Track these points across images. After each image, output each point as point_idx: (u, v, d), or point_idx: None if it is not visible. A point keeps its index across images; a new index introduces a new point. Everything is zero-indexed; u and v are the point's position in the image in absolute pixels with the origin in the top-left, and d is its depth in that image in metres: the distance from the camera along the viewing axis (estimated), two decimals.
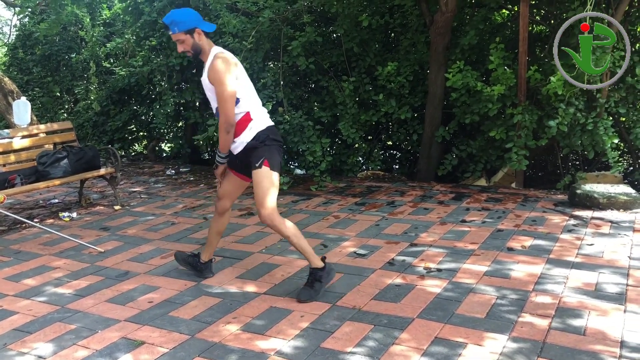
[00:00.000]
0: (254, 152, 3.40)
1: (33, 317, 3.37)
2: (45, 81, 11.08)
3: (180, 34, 3.30)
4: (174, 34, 3.32)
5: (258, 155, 3.39)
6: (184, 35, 3.30)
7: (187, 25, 3.30)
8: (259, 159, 3.38)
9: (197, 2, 7.86)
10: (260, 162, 3.36)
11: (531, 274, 3.71)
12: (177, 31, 3.30)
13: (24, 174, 5.41)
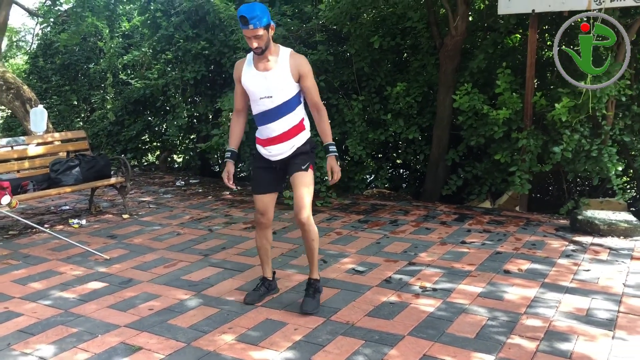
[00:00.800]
0: (302, 157, 3.50)
1: (37, 319, 3.49)
2: (63, 90, 11.34)
3: (260, 29, 3.23)
4: (254, 28, 3.22)
5: (305, 160, 3.50)
6: (263, 31, 3.26)
7: (266, 21, 3.27)
8: (306, 162, 3.49)
9: (214, 19, 8.05)
10: (307, 166, 3.49)
11: (524, 297, 3.77)
12: (258, 26, 3.21)
13: (37, 181, 5.57)
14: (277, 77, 3.36)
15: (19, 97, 8.27)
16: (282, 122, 3.42)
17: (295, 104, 3.43)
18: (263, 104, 3.42)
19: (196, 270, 4.38)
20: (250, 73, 3.44)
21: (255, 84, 3.41)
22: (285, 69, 3.36)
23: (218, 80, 8.82)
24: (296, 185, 3.47)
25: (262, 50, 3.33)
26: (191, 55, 8.28)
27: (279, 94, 3.38)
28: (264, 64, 3.39)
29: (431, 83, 7.42)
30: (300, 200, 3.44)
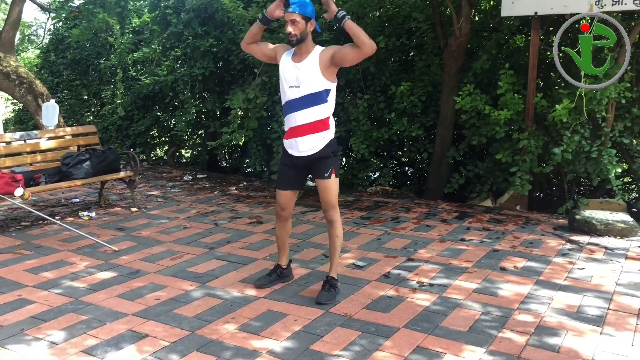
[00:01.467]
0: (324, 162, 3.66)
1: (49, 307, 3.65)
2: (74, 84, 11.53)
3: (298, 15, 3.42)
4: (293, 12, 3.41)
5: (327, 166, 3.66)
6: (300, 19, 3.44)
7: (308, 12, 3.46)
8: (328, 169, 3.66)
9: (223, 17, 8.18)
10: (329, 173, 3.66)
11: (518, 294, 3.89)
12: (297, 11, 3.42)
13: (49, 174, 5.73)
14: (307, 69, 3.52)
15: (32, 91, 8.44)
16: (306, 113, 3.56)
17: (321, 100, 3.55)
18: (291, 93, 3.58)
19: (201, 263, 4.53)
20: (286, 60, 3.62)
21: (287, 72, 3.59)
22: (314, 62, 3.51)
23: (226, 77, 8.97)
24: (321, 191, 3.70)
25: (296, 39, 3.49)
26: (200, 52, 8.43)
27: (306, 85, 3.52)
28: (299, 57, 3.56)
29: (435, 83, 7.52)
30: (327, 203, 3.71)
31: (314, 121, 3.58)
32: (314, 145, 3.63)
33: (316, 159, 3.68)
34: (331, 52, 3.51)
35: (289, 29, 3.46)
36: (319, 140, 3.62)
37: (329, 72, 3.54)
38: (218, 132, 8.89)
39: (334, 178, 3.70)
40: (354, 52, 3.44)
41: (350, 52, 3.45)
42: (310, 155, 3.67)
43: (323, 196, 3.72)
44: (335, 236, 3.77)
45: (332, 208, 3.72)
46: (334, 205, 3.72)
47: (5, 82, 8.32)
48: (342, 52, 3.48)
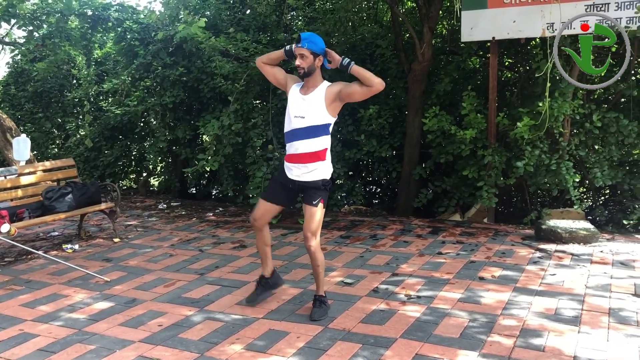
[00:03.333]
0: (314, 192, 3.85)
1: (54, 339, 3.73)
2: (37, 117, 11.42)
3: (306, 50, 3.70)
4: (302, 47, 3.69)
5: (317, 195, 3.85)
6: (309, 54, 3.71)
7: (317, 48, 3.72)
8: (317, 198, 3.85)
9: (191, 47, 8.37)
10: (317, 201, 3.84)
11: (499, 300, 4.19)
12: (305, 46, 3.69)
13: (31, 208, 5.77)
14: (312, 101, 3.76)
15: None
16: (306, 143, 3.79)
17: (322, 132, 3.79)
18: (296, 122, 3.81)
19: (195, 288, 4.66)
20: (295, 91, 3.87)
21: (293, 102, 3.84)
22: (320, 97, 3.76)
23: (195, 106, 9.12)
24: (306, 217, 3.88)
25: (303, 72, 3.75)
26: (169, 81, 8.57)
27: (311, 117, 3.76)
28: (306, 89, 3.82)
29: (400, 105, 7.90)
30: (308, 231, 3.86)
31: (313, 151, 3.81)
32: (309, 172, 3.85)
33: (308, 186, 3.90)
34: (338, 88, 3.76)
35: (298, 62, 3.73)
36: (314, 170, 3.85)
37: (333, 107, 3.79)
38: (190, 158, 9.02)
39: (321, 207, 3.90)
40: (363, 90, 3.70)
41: (359, 90, 3.71)
42: (303, 182, 3.89)
43: (307, 222, 3.88)
44: (317, 265, 3.95)
45: (313, 236, 3.86)
46: (315, 233, 3.87)
47: None
48: (350, 89, 3.73)
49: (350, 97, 3.78)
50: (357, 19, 9.29)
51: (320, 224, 3.92)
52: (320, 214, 3.90)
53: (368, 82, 3.67)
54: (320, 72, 3.85)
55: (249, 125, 7.64)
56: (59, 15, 8.64)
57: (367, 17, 9.44)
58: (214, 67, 7.70)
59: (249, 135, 7.56)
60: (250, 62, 7.49)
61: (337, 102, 3.80)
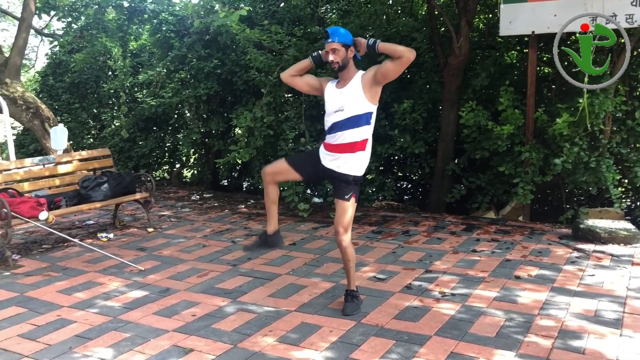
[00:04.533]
0: (345, 186, 3.80)
1: (90, 325, 3.78)
2: (74, 107, 11.64)
3: (337, 43, 3.65)
4: (332, 42, 3.65)
5: (348, 190, 3.80)
6: (340, 47, 3.66)
7: (346, 40, 3.67)
8: (349, 192, 3.80)
9: (226, 39, 8.40)
10: (350, 196, 3.80)
11: (536, 300, 4.09)
12: (336, 40, 3.65)
13: (68, 197, 5.86)
14: (350, 93, 3.71)
15: (38, 116, 8.56)
16: (347, 134, 3.73)
17: (363, 122, 3.72)
18: (336, 116, 3.76)
19: (228, 279, 4.68)
20: (331, 88, 3.83)
21: (331, 98, 3.80)
22: (357, 86, 3.71)
23: (229, 98, 9.16)
24: (338, 211, 3.83)
25: (338, 66, 3.70)
26: (204, 73, 8.62)
27: (350, 108, 3.70)
28: (342, 83, 3.77)
29: (435, 100, 7.79)
30: (339, 225, 3.82)
31: (353, 142, 3.74)
32: (343, 164, 3.79)
33: (339, 179, 3.85)
34: (372, 72, 3.70)
35: (331, 57, 3.68)
36: (348, 162, 3.78)
37: (372, 94, 3.71)
38: (222, 151, 9.07)
39: (353, 202, 3.85)
40: (394, 64, 3.60)
41: (391, 65, 3.61)
42: (334, 171, 3.84)
43: (338, 217, 3.84)
44: (347, 260, 3.91)
45: (344, 230, 3.82)
46: (346, 228, 3.83)
47: (12, 108, 8.43)
48: (383, 68, 3.65)
49: (386, 75, 3.67)
50: (392, 12, 9.18)
51: (351, 219, 3.88)
52: (352, 208, 3.86)
53: (397, 54, 3.57)
54: (353, 64, 3.80)
55: (281, 117, 7.64)
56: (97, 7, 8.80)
57: (403, 10, 9.32)
58: (248, 59, 7.70)
59: (281, 127, 7.55)
60: (284, 54, 7.48)
61: (375, 87, 3.71)
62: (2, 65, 8.59)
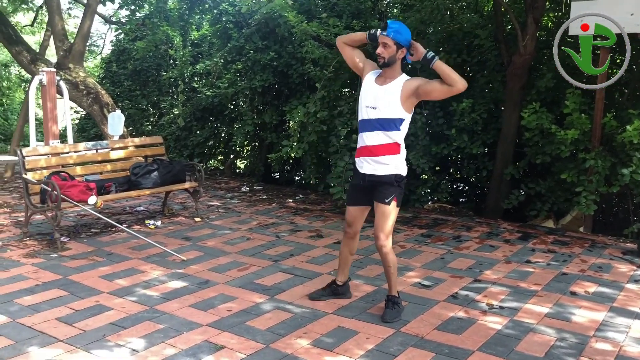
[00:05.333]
0: (386, 189, 3.64)
1: (126, 314, 3.77)
2: (135, 94, 11.88)
3: (390, 39, 3.48)
4: (387, 35, 3.48)
5: (389, 192, 3.64)
6: (392, 44, 3.49)
7: (401, 39, 3.50)
8: (390, 195, 3.63)
9: (284, 31, 8.32)
10: (390, 199, 3.64)
11: (593, 320, 3.80)
12: (391, 35, 3.48)
13: (118, 182, 5.93)
14: (387, 94, 3.55)
15: (98, 101, 8.76)
16: (376, 136, 3.58)
17: (394, 127, 3.57)
18: (366, 112, 3.62)
19: (268, 275, 4.59)
20: (370, 79, 3.67)
21: (367, 91, 3.65)
22: (397, 90, 3.54)
23: (284, 91, 9.10)
24: (378, 215, 3.68)
25: (384, 61, 3.54)
26: (260, 65, 8.59)
27: (383, 109, 3.55)
28: (383, 79, 3.61)
29: (497, 100, 7.45)
30: (379, 230, 3.67)
31: (383, 144, 3.59)
32: (380, 166, 3.63)
33: (380, 182, 3.67)
34: (416, 83, 3.52)
35: (379, 50, 3.53)
36: (386, 164, 3.62)
37: (408, 103, 3.56)
38: (275, 144, 9.03)
39: (394, 206, 3.66)
40: (443, 88, 3.44)
41: (439, 88, 3.45)
42: (374, 175, 3.67)
43: (378, 221, 3.67)
44: (388, 267, 3.75)
45: (384, 236, 3.65)
46: (387, 233, 3.66)
47: (73, 92, 8.66)
48: (430, 86, 3.48)
49: (429, 94, 3.52)
50: (456, 8, 8.85)
51: (392, 224, 3.70)
52: (394, 213, 3.68)
53: (450, 81, 3.40)
54: (400, 65, 3.62)
55: (334, 113, 7.49)
56: None
57: (467, 5, 8.97)
58: (305, 52, 7.59)
59: (334, 123, 7.41)
60: None
61: (413, 99, 3.55)
62: (67, 50, 8.82)
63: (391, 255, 3.72)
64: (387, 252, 3.69)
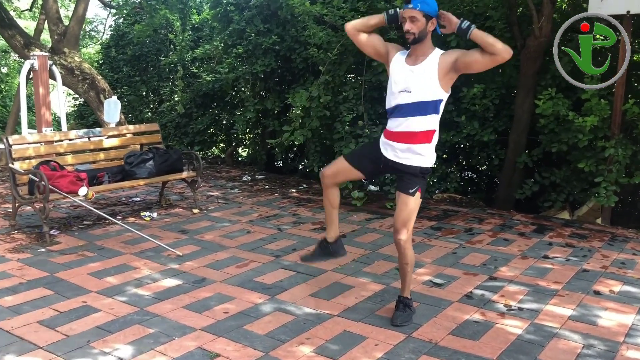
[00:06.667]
0: (411, 178, 3.33)
1: (114, 316, 3.48)
2: (134, 80, 11.54)
3: (418, 11, 3.12)
4: (414, 8, 3.12)
5: (414, 183, 3.33)
6: (421, 16, 3.14)
7: (430, 9, 3.15)
8: (415, 186, 3.32)
9: (286, 14, 7.96)
10: (415, 190, 3.32)
11: (621, 324, 3.49)
12: (418, 7, 3.11)
13: (112, 172, 5.63)
14: (422, 74, 3.20)
15: (94, 87, 8.44)
16: (412, 121, 3.24)
17: (431, 109, 3.23)
18: (400, 97, 3.26)
19: (268, 272, 4.30)
20: (399, 61, 3.31)
21: (398, 75, 3.28)
22: (433, 67, 3.19)
23: (287, 76, 8.75)
24: (399, 206, 3.36)
25: (414, 37, 3.18)
26: (262, 49, 8.23)
27: (419, 92, 3.21)
28: (414, 59, 3.25)
29: (509, 85, 7.09)
30: (399, 222, 3.34)
31: (417, 131, 3.24)
32: (409, 155, 3.30)
33: (403, 170, 3.36)
34: (454, 56, 3.16)
35: (407, 26, 3.15)
36: (416, 154, 3.29)
37: (447, 80, 3.20)
38: (277, 130, 8.71)
39: (418, 197, 3.35)
40: (485, 59, 3.07)
41: (480, 58, 3.08)
42: (399, 164, 3.35)
43: (400, 212, 3.35)
44: (405, 263, 3.44)
45: (405, 229, 3.34)
46: (408, 226, 3.35)
47: (69, 78, 8.34)
48: (469, 57, 3.12)
49: (469, 67, 3.14)
50: None
51: (414, 216, 3.39)
52: (416, 204, 3.36)
53: (491, 49, 3.01)
54: (431, 39, 3.25)
55: (339, 98, 7.16)
56: None
57: None
58: (307, 35, 7.24)
59: (338, 109, 7.08)
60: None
61: (452, 74, 3.19)
62: (62, 34, 8.49)
63: (409, 252, 3.42)
64: (405, 247, 3.38)
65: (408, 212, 3.34)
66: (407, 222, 3.35)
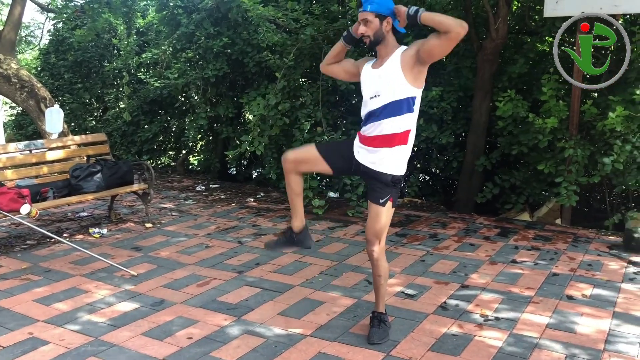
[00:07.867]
0: (382, 188, 3.15)
1: (65, 348, 3.16)
2: (76, 87, 11.01)
3: (370, 13, 3.00)
4: (364, 10, 3.02)
5: (385, 192, 3.15)
6: (374, 17, 3.00)
7: (382, 9, 3.01)
8: (386, 195, 3.14)
9: (237, 15, 7.71)
10: (386, 200, 3.14)
11: (599, 330, 3.42)
12: (368, 9, 3.00)
13: (57, 187, 5.24)
14: (388, 74, 3.03)
15: (34, 95, 7.94)
16: (385, 124, 3.04)
17: (405, 109, 3.03)
18: (372, 103, 3.09)
19: (232, 290, 4.04)
20: (367, 69, 3.17)
21: (368, 82, 3.14)
22: (396, 64, 3.01)
23: (240, 81, 8.49)
24: (371, 216, 3.19)
25: (369, 40, 3.04)
26: (212, 53, 7.94)
27: (388, 93, 3.03)
28: (380, 62, 3.10)
29: (466, 87, 7.07)
30: (371, 233, 3.18)
31: (394, 133, 3.06)
32: (379, 160, 3.12)
33: (374, 178, 3.19)
34: (415, 48, 2.98)
35: (361, 29, 3.02)
36: (385, 158, 3.10)
37: (415, 75, 3.00)
38: (231, 138, 8.42)
39: (389, 207, 3.18)
40: (442, 40, 2.86)
41: (438, 41, 2.88)
42: (370, 169, 3.18)
43: (371, 224, 3.18)
44: (378, 275, 3.27)
45: (377, 240, 3.18)
46: (380, 237, 3.19)
47: (5, 86, 7.82)
48: (427, 44, 2.92)
49: (431, 54, 2.93)
50: None
51: (386, 227, 3.21)
52: (388, 215, 3.19)
53: (444, 27, 2.82)
54: (392, 37, 3.09)
55: (296, 104, 6.95)
56: None
57: None
58: (261, 38, 7.00)
59: (295, 115, 6.87)
60: (301, 34, 6.77)
61: (419, 66, 2.99)
62: None
63: (383, 262, 3.24)
64: (378, 258, 3.21)
65: (380, 223, 3.18)
66: (379, 233, 3.19)
